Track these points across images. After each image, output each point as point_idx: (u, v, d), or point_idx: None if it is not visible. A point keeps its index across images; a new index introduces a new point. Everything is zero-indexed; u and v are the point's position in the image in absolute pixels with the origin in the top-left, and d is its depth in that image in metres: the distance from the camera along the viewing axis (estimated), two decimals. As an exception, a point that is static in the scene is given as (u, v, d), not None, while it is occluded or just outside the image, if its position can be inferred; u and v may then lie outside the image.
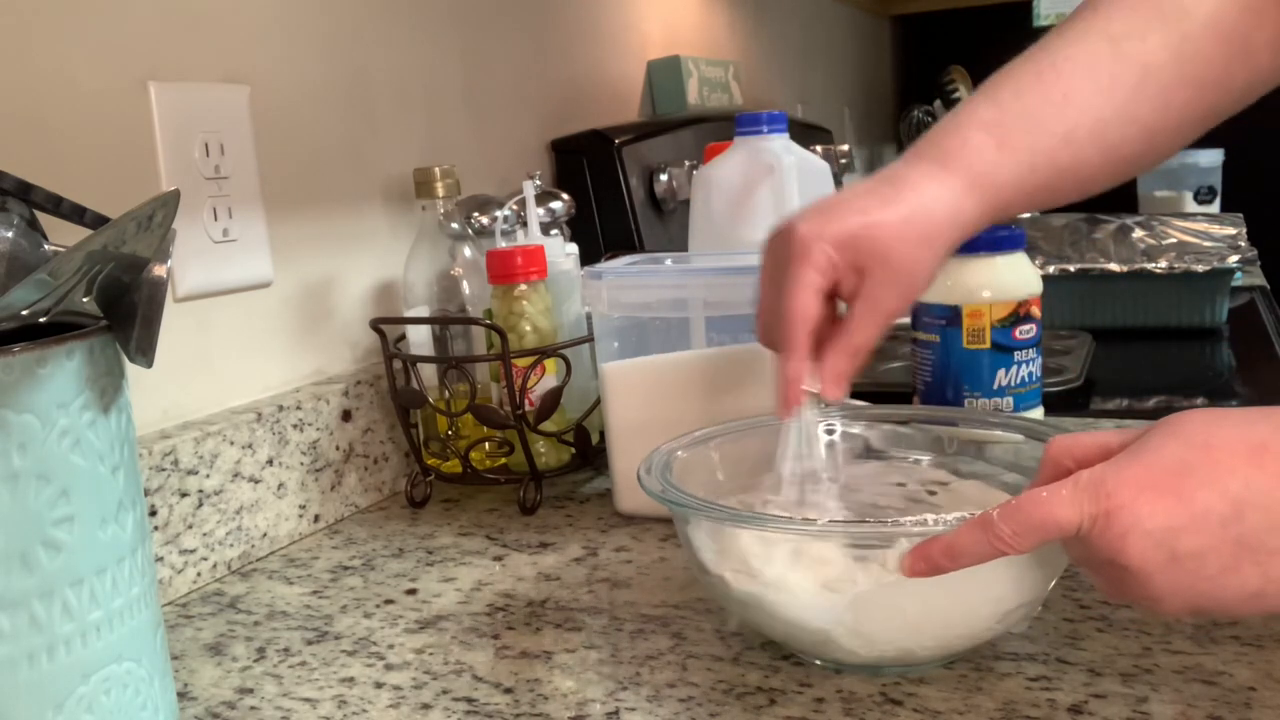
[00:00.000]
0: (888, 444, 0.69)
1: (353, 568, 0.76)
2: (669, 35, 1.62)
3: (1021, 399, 0.78)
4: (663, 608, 0.64)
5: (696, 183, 0.91)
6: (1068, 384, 1.01)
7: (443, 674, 0.59)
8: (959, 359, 0.78)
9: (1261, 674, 0.52)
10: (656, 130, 1.40)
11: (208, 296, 0.80)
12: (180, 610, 0.71)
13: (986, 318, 0.77)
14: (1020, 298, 0.77)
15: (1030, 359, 0.78)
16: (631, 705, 0.53)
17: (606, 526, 0.79)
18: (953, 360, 0.79)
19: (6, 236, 0.47)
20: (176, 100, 0.76)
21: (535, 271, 0.85)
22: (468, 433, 0.87)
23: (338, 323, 0.92)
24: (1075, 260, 1.34)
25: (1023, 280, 0.78)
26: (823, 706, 0.52)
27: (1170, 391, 1.06)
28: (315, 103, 0.90)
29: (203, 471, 0.74)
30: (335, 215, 0.92)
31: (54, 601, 0.43)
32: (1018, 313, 0.77)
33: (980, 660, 0.55)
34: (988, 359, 0.77)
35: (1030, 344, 0.78)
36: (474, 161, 1.11)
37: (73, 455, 0.44)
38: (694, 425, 0.66)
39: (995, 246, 0.78)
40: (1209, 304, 1.29)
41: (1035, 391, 0.80)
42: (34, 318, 0.43)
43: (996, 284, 0.77)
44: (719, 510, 0.55)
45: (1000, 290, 0.77)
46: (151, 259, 0.46)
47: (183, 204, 0.67)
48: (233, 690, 0.59)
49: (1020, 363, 0.77)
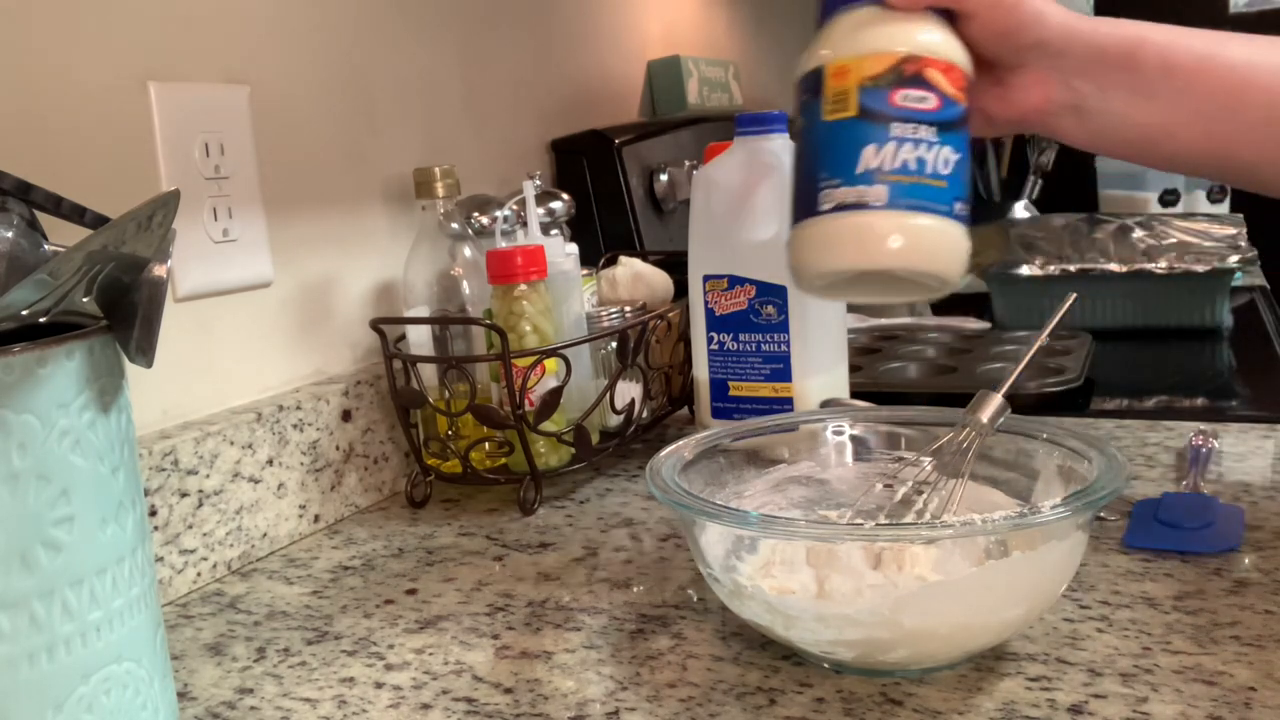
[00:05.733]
0: (888, 444, 0.69)
1: (353, 568, 0.76)
2: (669, 35, 1.62)
3: (908, 191, 0.54)
4: (663, 608, 0.64)
5: (696, 183, 0.91)
6: (1068, 384, 1.01)
7: (443, 674, 0.59)
8: (816, 137, 0.57)
9: (1261, 674, 0.52)
10: (656, 130, 1.40)
11: (208, 296, 0.80)
12: (180, 610, 0.71)
13: (853, 76, 0.56)
14: (905, 51, 0.56)
15: (928, 139, 0.55)
16: (631, 705, 0.53)
17: (606, 526, 0.79)
18: (809, 140, 0.57)
19: (6, 236, 0.47)
20: (176, 100, 0.76)
21: (535, 271, 0.85)
22: (468, 433, 0.87)
23: (338, 323, 0.92)
24: (1075, 260, 1.34)
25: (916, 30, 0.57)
26: (823, 706, 0.52)
27: (1170, 391, 1.06)
28: (315, 103, 0.90)
29: (203, 471, 0.74)
30: (335, 215, 0.92)
31: (54, 601, 0.43)
32: (900, 70, 0.55)
33: (980, 660, 0.55)
34: (849, 131, 0.55)
35: (926, 118, 0.55)
36: (474, 161, 1.11)
37: (73, 455, 0.44)
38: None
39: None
40: (1209, 304, 1.29)
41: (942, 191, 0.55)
42: (34, 318, 0.43)
43: (871, 32, 0.57)
44: (731, 513, 0.55)
45: (876, 40, 0.56)
46: (151, 259, 0.46)
47: (183, 204, 0.67)
48: (233, 690, 0.59)
49: (903, 140, 0.55)
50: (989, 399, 0.61)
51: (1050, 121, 0.61)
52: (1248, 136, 0.58)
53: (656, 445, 0.68)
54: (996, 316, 1.38)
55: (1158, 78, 0.58)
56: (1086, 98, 0.59)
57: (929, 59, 0.56)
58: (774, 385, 0.89)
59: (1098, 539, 0.69)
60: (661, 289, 1.00)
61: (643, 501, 0.84)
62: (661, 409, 0.98)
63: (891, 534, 0.55)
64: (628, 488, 0.88)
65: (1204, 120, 0.58)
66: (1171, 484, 0.78)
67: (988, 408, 0.60)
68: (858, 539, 0.55)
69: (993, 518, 0.50)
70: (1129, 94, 0.59)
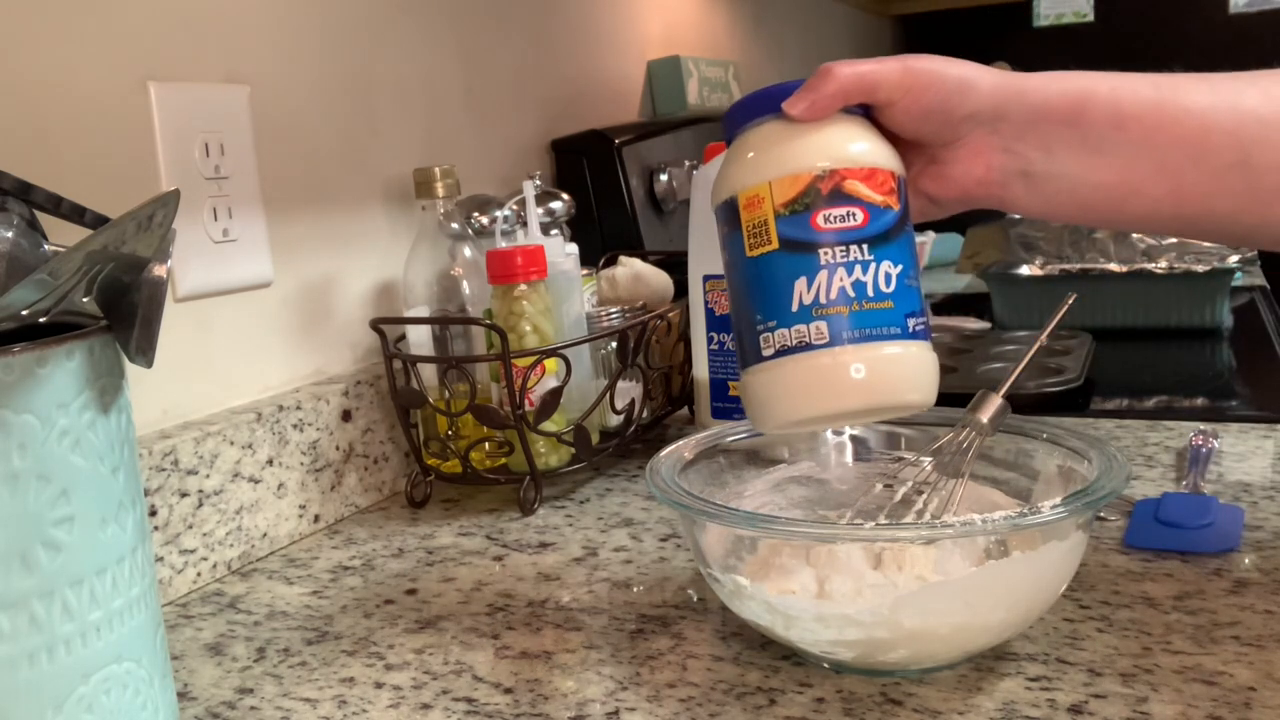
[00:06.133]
0: (888, 444, 0.69)
1: (353, 568, 0.76)
2: (669, 35, 1.62)
3: (852, 322, 0.50)
4: (663, 608, 0.64)
5: (696, 183, 0.91)
6: (1068, 384, 1.01)
7: (443, 674, 0.59)
8: (742, 275, 0.53)
9: (1261, 674, 0.52)
10: (656, 130, 1.40)
11: (208, 296, 0.80)
12: (180, 610, 0.71)
13: (767, 204, 0.51)
14: (819, 168, 0.50)
15: (861, 259, 0.50)
16: (631, 705, 0.53)
17: (606, 526, 0.79)
18: (738, 279, 0.53)
19: (6, 236, 0.47)
20: (176, 100, 0.76)
21: (535, 271, 0.85)
22: (468, 433, 0.87)
23: (338, 323, 0.92)
24: (1075, 260, 1.34)
25: (827, 142, 0.51)
26: (823, 706, 0.52)
27: (1170, 391, 1.06)
28: (315, 103, 0.90)
29: (203, 471, 0.74)
30: (335, 215, 0.92)
31: (54, 601, 0.43)
32: (817, 189, 0.50)
33: (980, 660, 0.55)
34: (774, 266, 0.51)
35: (856, 236, 0.50)
36: (474, 161, 1.11)
37: (73, 455, 0.44)
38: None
39: (775, 103, 0.52)
40: (1209, 304, 1.29)
41: (889, 313, 0.50)
42: (34, 318, 0.43)
43: (779, 151, 0.52)
44: (731, 513, 0.55)
45: (785, 160, 0.51)
46: (151, 259, 0.46)
47: (183, 204, 0.67)
48: (233, 690, 0.59)
49: (834, 266, 0.50)
50: (989, 399, 0.61)
51: (997, 193, 0.56)
52: (1219, 185, 0.53)
53: (656, 445, 0.68)
54: (996, 316, 1.38)
55: (1108, 131, 0.53)
56: (1033, 162, 0.54)
57: (847, 170, 0.51)
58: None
59: (1098, 539, 0.69)
60: (661, 289, 1.00)
61: (643, 501, 0.84)
62: (661, 409, 0.98)
63: (891, 534, 0.55)
64: (628, 488, 0.88)
65: (1168, 174, 0.53)
66: (1171, 484, 0.78)
67: (988, 408, 0.60)
68: (858, 539, 0.55)
69: (993, 518, 0.50)
70: (1079, 152, 0.54)
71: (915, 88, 0.53)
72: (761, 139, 0.53)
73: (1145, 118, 0.53)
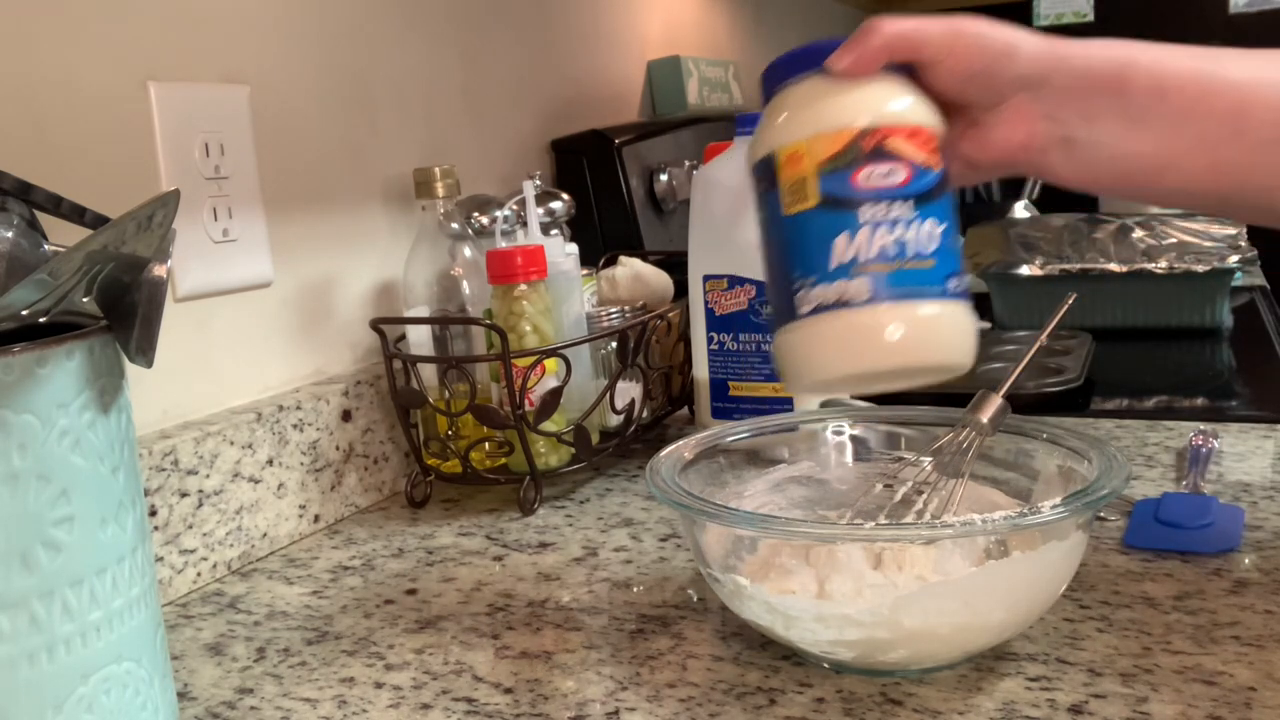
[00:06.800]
0: (888, 444, 0.69)
1: (353, 568, 0.76)
2: (669, 35, 1.62)
3: (892, 280, 0.49)
4: (663, 608, 0.64)
5: (696, 183, 0.91)
6: (1068, 384, 1.01)
7: (443, 674, 0.59)
8: (780, 232, 0.52)
9: (1261, 674, 0.52)
10: (656, 130, 1.40)
11: (208, 296, 0.80)
12: (180, 610, 0.71)
13: (808, 160, 0.50)
14: (861, 125, 0.50)
15: (905, 217, 0.49)
16: (631, 705, 0.53)
17: (606, 526, 0.79)
18: (774, 237, 0.52)
19: (6, 236, 0.47)
20: (176, 100, 0.76)
21: (535, 271, 0.85)
22: (468, 433, 0.87)
23: (338, 323, 0.92)
24: (1075, 260, 1.34)
25: (870, 98, 0.51)
26: (823, 706, 0.52)
27: (1170, 391, 1.06)
28: (315, 103, 0.90)
29: (203, 471, 0.74)
30: (335, 215, 0.92)
31: (54, 601, 0.43)
32: (860, 146, 0.49)
33: (980, 660, 0.55)
34: (814, 223, 0.50)
35: (899, 194, 0.49)
36: (474, 161, 1.11)
37: (73, 455, 0.44)
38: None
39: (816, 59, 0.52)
40: (1209, 304, 1.29)
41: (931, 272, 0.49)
42: (34, 318, 0.43)
43: (821, 107, 0.51)
44: (731, 513, 0.55)
45: (828, 115, 0.50)
46: (151, 259, 0.46)
47: (183, 204, 0.67)
48: (233, 690, 0.59)
49: (877, 224, 0.49)
50: (989, 399, 0.61)
51: (1037, 159, 0.55)
52: (1257, 160, 0.52)
53: (656, 445, 0.68)
54: (996, 316, 1.38)
55: (1151, 102, 0.53)
56: (1074, 129, 0.54)
57: (891, 127, 0.50)
58: (774, 385, 0.89)
59: (1098, 539, 0.69)
60: (661, 289, 1.00)
61: (643, 501, 0.84)
62: (661, 409, 0.98)
63: (891, 534, 0.55)
64: (628, 488, 0.88)
65: (1207, 147, 0.53)
66: (1171, 484, 0.78)
67: (988, 408, 0.60)
68: (858, 539, 0.55)
69: (993, 518, 0.50)
70: (1120, 121, 0.53)
71: (960, 49, 0.52)
72: (801, 96, 0.52)
73: (1187, 88, 0.53)
